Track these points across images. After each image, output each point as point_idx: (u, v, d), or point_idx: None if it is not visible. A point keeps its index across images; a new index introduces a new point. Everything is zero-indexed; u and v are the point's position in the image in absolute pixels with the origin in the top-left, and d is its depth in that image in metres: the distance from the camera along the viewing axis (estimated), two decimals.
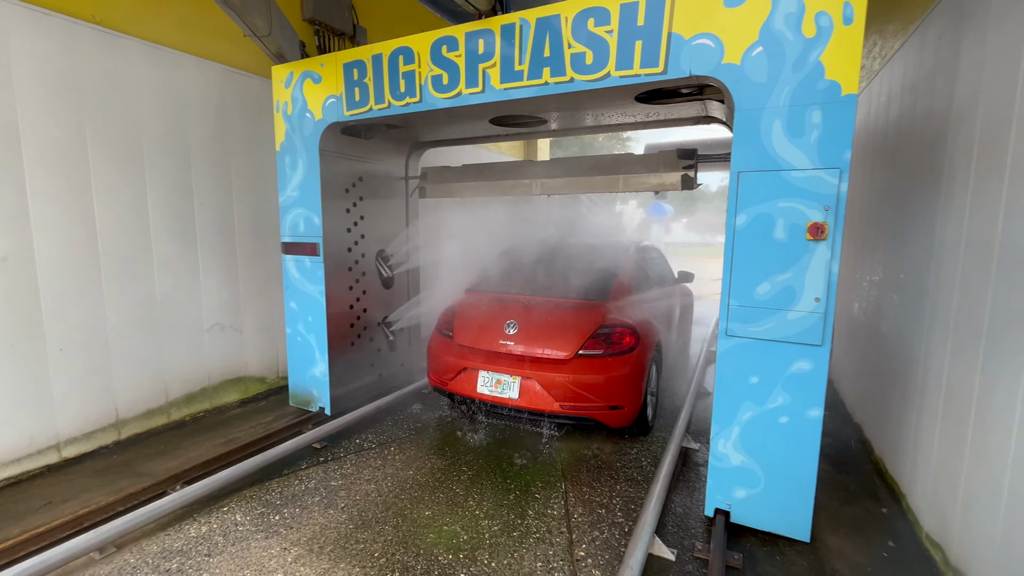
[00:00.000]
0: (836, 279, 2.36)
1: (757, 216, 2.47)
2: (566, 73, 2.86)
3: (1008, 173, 2.07)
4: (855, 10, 2.20)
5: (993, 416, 2.08)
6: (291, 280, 4.18)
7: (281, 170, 4.09)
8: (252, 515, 2.92)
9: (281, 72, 3.95)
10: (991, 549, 2.03)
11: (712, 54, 2.49)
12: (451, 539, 2.71)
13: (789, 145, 2.38)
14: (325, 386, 4.14)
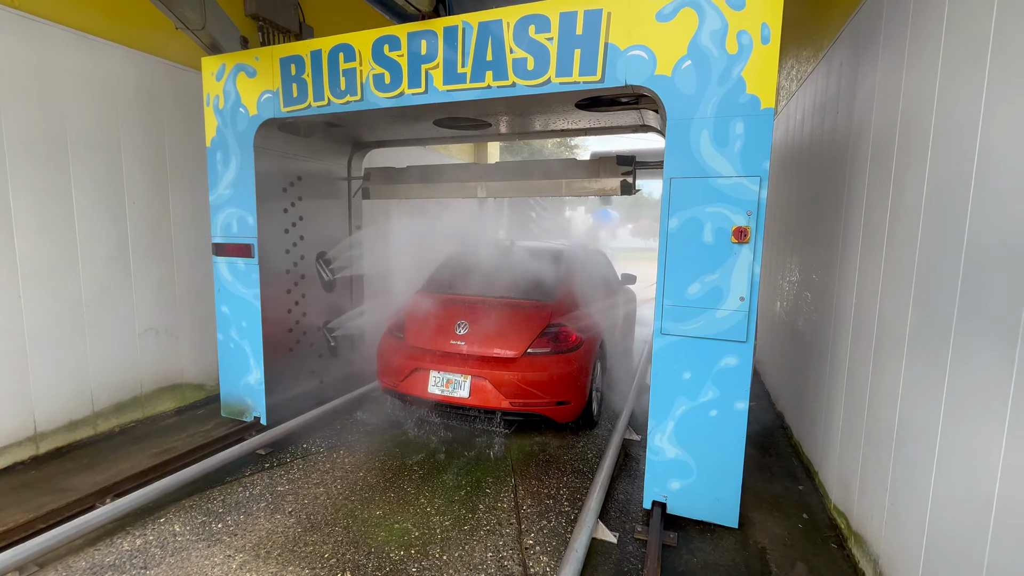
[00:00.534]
0: (758, 279, 2.53)
1: (688, 220, 2.60)
2: (508, 77, 2.91)
3: (892, 183, 2.35)
4: (771, 31, 2.39)
5: (882, 398, 2.34)
6: (223, 283, 3.96)
7: (212, 167, 3.87)
8: (192, 524, 2.80)
9: (212, 64, 3.74)
10: (882, 511, 2.28)
11: (645, 65, 2.61)
12: (402, 536, 2.73)
13: (716, 154, 2.53)
14: (260, 395, 3.94)
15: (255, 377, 3.95)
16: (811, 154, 3.85)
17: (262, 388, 3.92)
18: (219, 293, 3.99)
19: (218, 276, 3.97)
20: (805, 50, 4.34)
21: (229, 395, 4.09)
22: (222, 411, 4.15)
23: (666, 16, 2.55)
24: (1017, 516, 1.43)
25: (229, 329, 4.00)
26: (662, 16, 2.56)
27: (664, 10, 2.55)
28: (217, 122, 3.80)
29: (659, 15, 2.56)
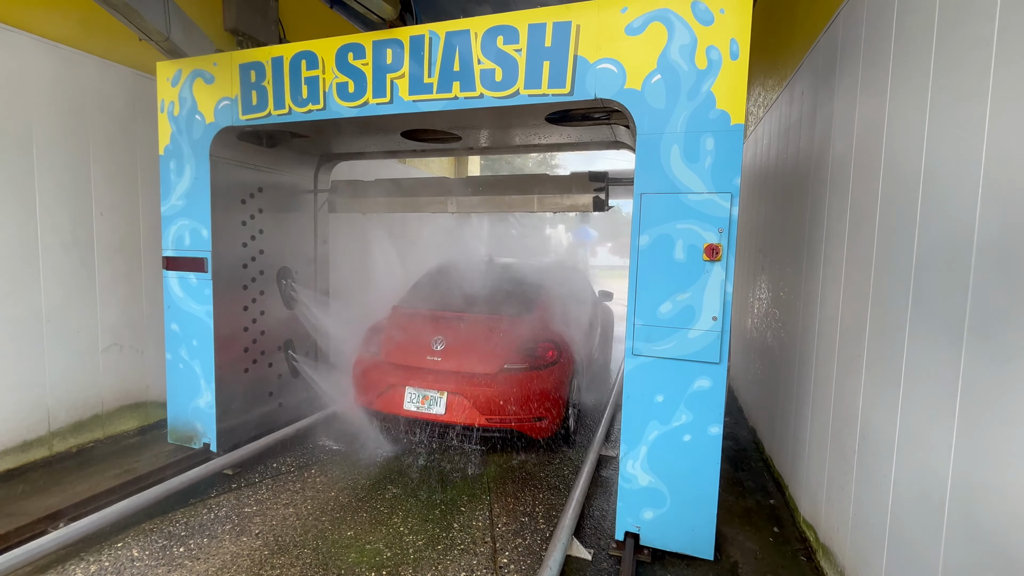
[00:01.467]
0: (731, 298, 2.45)
1: (659, 237, 2.52)
2: (476, 88, 2.81)
3: (849, 205, 2.39)
4: (740, 46, 2.36)
5: (844, 411, 2.34)
6: (173, 299, 3.71)
7: (165, 176, 3.66)
8: (152, 549, 2.67)
9: (168, 69, 3.56)
10: (846, 523, 2.28)
11: (615, 79, 2.56)
12: (374, 557, 2.65)
13: (686, 169, 2.47)
14: (211, 419, 3.67)
15: (205, 400, 3.68)
16: (777, 177, 3.88)
17: (213, 412, 3.66)
18: (168, 309, 3.74)
19: (168, 291, 3.73)
20: (770, 78, 4.44)
21: (177, 419, 3.81)
22: (169, 437, 3.85)
23: (635, 30, 2.50)
24: (965, 516, 1.48)
25: (179, 348, 3.74)
26: (631, 30, 2.51)
27: (633, 24, 2.50)
28: (171, 129, 3.60)
29: (628, 28, 2.51)
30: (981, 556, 1.41)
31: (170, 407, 3.83)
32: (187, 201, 3.60)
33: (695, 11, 2.40)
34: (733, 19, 2.35)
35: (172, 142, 3.61)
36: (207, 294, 3.60)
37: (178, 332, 3.73)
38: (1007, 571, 1.31)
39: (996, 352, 1.38)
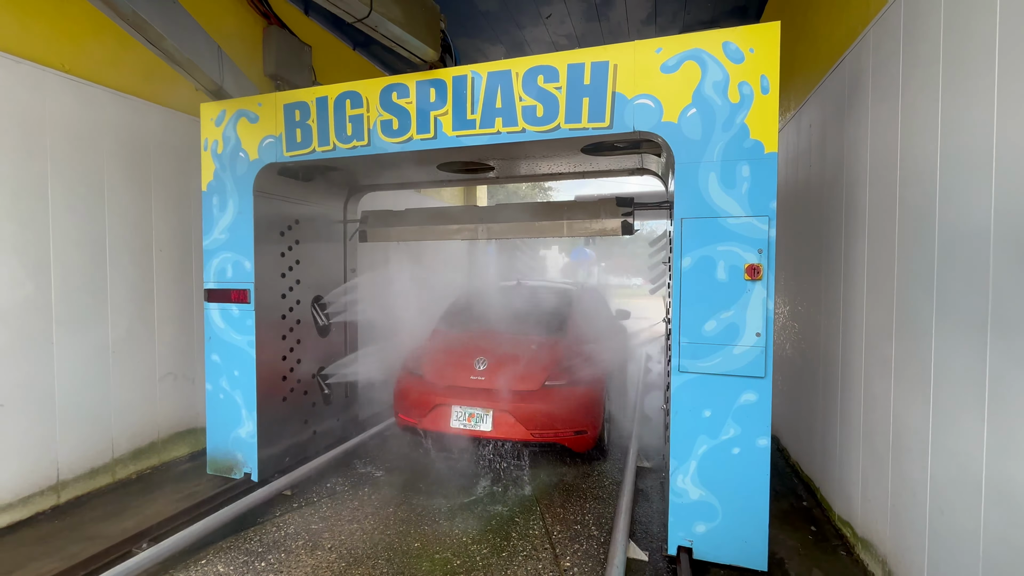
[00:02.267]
0: (772, 315, 2.59)
1: (700, 259, 2.67)
2: (518, 123, 2.99)
3: (867, 226, 2.63)
4: (770, 82, 2.55)
5: (877, 413, 2.55)
6: (214, 330, 3.79)
7: (207, 211, 3.78)
8: (235, 564, 2.81)
9: (211, 109, 3.73)
10: (885, 516, 2.45)
11: (652, 113, 2.74)
12: (445, 565, 2.81)
13: (724, 195, 2.63)
14: (252, 448, 3.70)
15: (247, 430, 3.72)
16: (789, 200, 4.09)
17: (254, 441, 3.70)
18: (209, 341, 3.81)
19: (209, 323, 3.80)
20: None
21: (217, 450, 3.83)
22: (208, 468, 3.87)
23: (670, 68, 2.70)
24: (1000, 500, 1.67)
25: (219, 379, 3.79)
26: (666, 68, 2.70)
27: (668, 63, 2.70)
28: (215, 166, 3.74)
29: (663, 67, 2.71)
30: (1019, 534, 1.58)
31: (210, 438, 3.86)
32: (230, 235, 3.72)
33: (726, 51, 2.61)
34: (762, 57, 2.55)
35: (215, 179, 3.75)
36: (249, 324, 3.68)
37: (219, 363, 3.79)
38: None
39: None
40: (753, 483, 2.63)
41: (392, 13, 2.91)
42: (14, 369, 3.14)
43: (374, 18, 2.83)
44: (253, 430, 3.70)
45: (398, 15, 2.94)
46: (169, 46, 3.11)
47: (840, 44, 3.14)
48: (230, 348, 3.75)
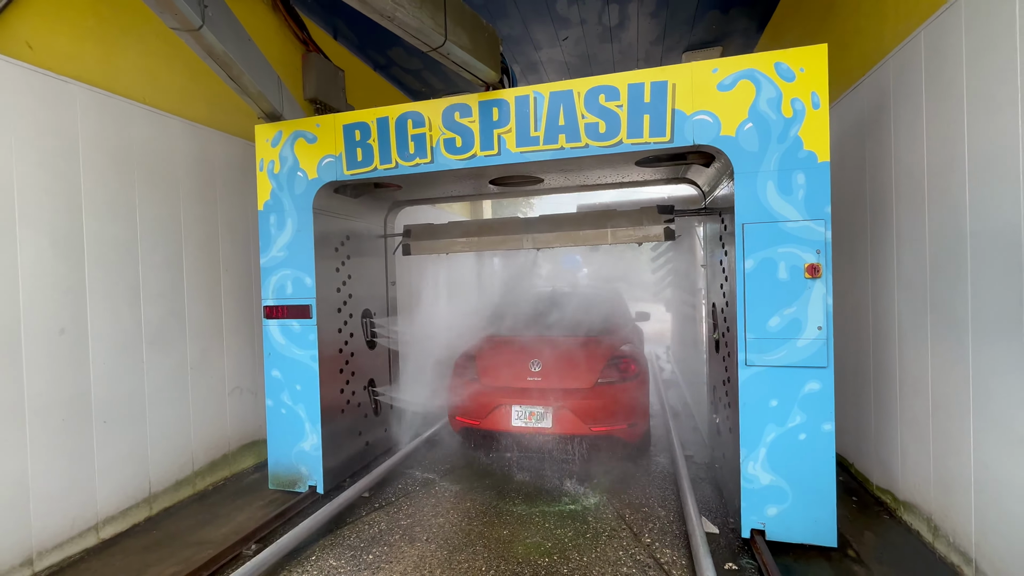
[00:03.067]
0: (831, 310, 2.82)
1: (763, 260, 2.89)
2: (581, 139, 3.19)
3: (895, 233, 2.90)
4: (820, 98, 2.81)
5: (914, 386, 2.91)
6: (274, 346, 3.86)
7: (264, 230, 3.86)
8: (344, 559, 3.02)
9: (267, 131, 3.83)
10: (928, 480, 2.82)
11: (711, 128, 2.97)
12: (539, 548, 3.09)
13: (782, 201, 2.87)
14: (317, 461, 3.77)
15: (311, 443, 3.79)
16: None
17: (319, 454, 3.77)
18: (269, 357, 3.88)
19: (268, 339, 3.87)
20: None
21: (279, 464, 3.88)
22: (270, 483, 3.91)
23: (726, 87, 2.94)
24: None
25: (280, 394, 3.86)
26: (723, 87, 2.94)
27: (724, 82, 2.94)
28: (272, 186, 3.84)
29: (720, 86, 2.95)
30: None
31: (271, 453, 3.91)
32: (289, 252, 3.81)
33: (778, 70, 2.86)
34: (812, 76, 2.81)
35: (272, 198, 3.84)
36: (311, 339, 3.77)
37: (279, 378, 3.86)
38: None
39: None
40: (820, 466, 2.85)
41: (461, 40, 3.08)
42: (116, 387, 3.37)
43: (447, 47, 2.99)
44: (318, 443, 3.77)
45: (466, 42, 3.12)
46: (247, 81, 3.36)
47: (851, 76, 3.51)
48: (291, 363, 3.82)
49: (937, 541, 2.81)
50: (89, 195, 3.23)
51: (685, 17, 5.80)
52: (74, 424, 3.11)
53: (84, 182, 3.20)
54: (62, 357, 3.06)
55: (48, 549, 2.94)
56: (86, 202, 3.21)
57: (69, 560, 3.03)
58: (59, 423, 3.03)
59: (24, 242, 2.88)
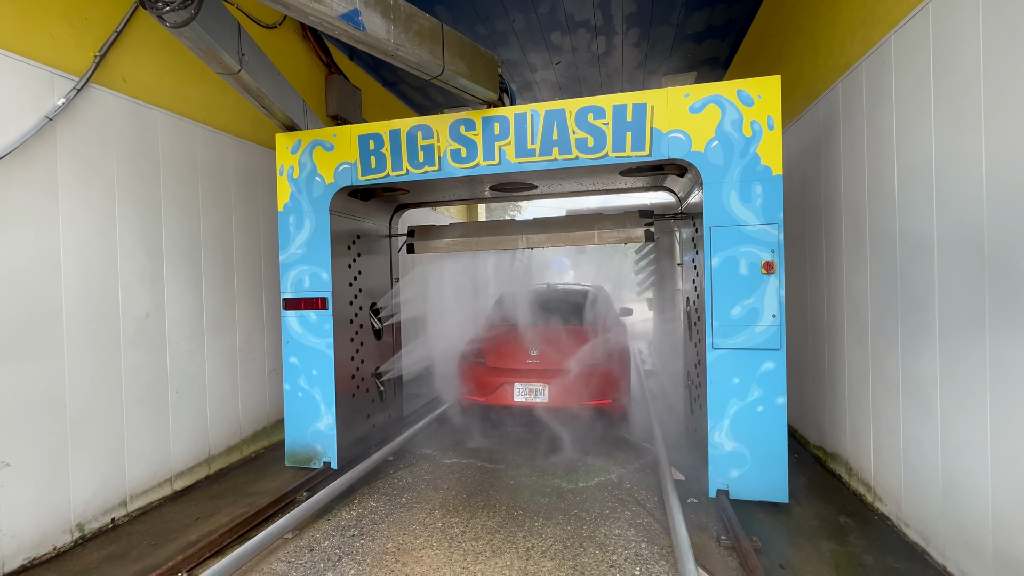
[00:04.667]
0: (784, 301, 3.32)
1: (727, 258, 3.39)
2: (572, 152, 3.65)
3: (844, 238, 3.38)
4: (774, 120, 3.32)
5: (839, 358, 3.33)
6: (292, 335, 4.23)
7: (284, 229, 4.24)
8: (382, 501, 3.70)
9: (287, 139, 4.21)
10: (843, 436, 3.51)
11: (684, 144, 3.46)
12: (543, 489, 3.82)
13: (743, 208, 3.37)
14: (332, 440, 4.15)
15: (326, 423, 4.17)
16: None
17: (333, 433, 4.15)
18: (287, 345, 4.25)
19: (287, 329, 4.25)
20: None
21: (295, 443, 4.25)
22: (287, 460, 4.28)
23: (697, 109, 3.43)
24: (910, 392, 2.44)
25: (297, 379, 4.23)
26: (694, 109, 3.44)
27: (695, 105, 3.43)
28: (291, 189, 4.22)
29: (691, 108, 3.44)
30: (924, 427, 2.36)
31: (288, 433, 4.27)
32: (307, 249, 4.19)
33: (740, 96, 3.36)
34: (768, 102, 3.32)
35: (291, 200, 4.22)
36: (327, 328, 4.15)
37: (296, 364, 4.23)
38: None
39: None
40: (774, 434, 3.34)
41: (459, 68, 3.50)
42: (185, 364, 4.06)
43: (446, 75, 3.42)
44: (332, 423, 4.15)
45: (464, 69, 3.54)
46: (276, 109, 3.91)
47: (805, 99, 4.05)
48: (308, 351, 4.20)
49: (851, 479, 3.64)
50: (166, 202, 3.91)
51: (664, 48, 6.42)
52: (155, 392, 3.78)
53: (163, 191, 3.89)
54: (147, 336, 3.72)
55: (137, 494, 3.61)
56: (164, 208, 3.90)
57: (152, 505, 3.70)
58: (144, 391, 3.69)
59: (121, 239, 3.56)
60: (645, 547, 3.02)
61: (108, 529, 3.36)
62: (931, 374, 2.71)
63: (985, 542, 2.35)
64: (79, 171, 3.27)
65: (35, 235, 3.02)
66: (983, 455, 2.35)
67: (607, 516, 3.39)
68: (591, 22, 6.52)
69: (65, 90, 3.18)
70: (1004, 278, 2.21)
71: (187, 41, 3.30)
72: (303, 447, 4.24)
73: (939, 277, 2.63)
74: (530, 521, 3.34)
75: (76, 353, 3.22)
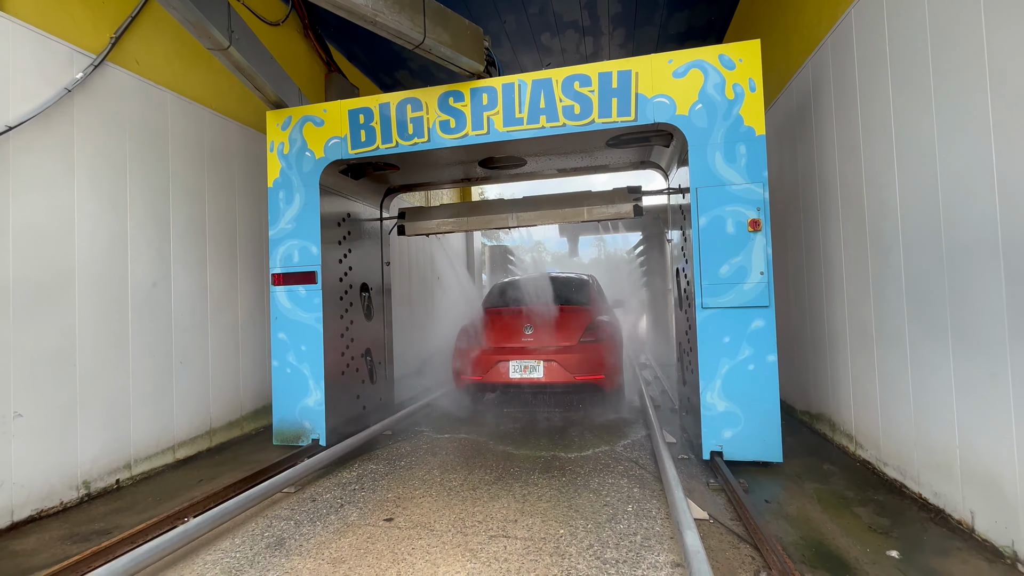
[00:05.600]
0: (771, 257, 3.35)
1: (714, 218, 3.42)
2: (559, 119, 3.70)
3: (820, 223, 3.43)
4: (756, 83, 3.39)
5: (816, 336, 3.27)
6: (281, 310, 4.19)
7: (274, 205, 4.24)
8: (382, 463, 3.82)
9: (278, 116, 4.24)
10: (829, 396, 3.36)
11: (668, 108, 3.52)
12: (538, 454, 3.92)
13: (728, 168, 3.41)
14: (320, 416, 4.08)
15: (314, 399, 4.10)
16: None
17: (322, 409, 4.08)
18: (276, 321, 4.20)
19: (275, 304, 4.21)
20: None
21: (283, 421, 4.17)
22: (274, 438, 4.19)
23: (680, 74, 3.50)
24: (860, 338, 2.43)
25: (286, 355, 4.18)
26: (677, 74, 3.51)
27: (678, 70, 3.51)
28: (281, 165, 4.23)
29: (675, 73, 3.51)
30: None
31: (276, 410, 4.19)
32: (296, 224, 4.19)
33: (722, 61, 3.44)
34: (749, 65, 3.40)
35: (281, 176, 4.23)
36: (316, 303, 4.12)
37: (285, 340, 4.18)
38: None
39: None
40: (766, 392, 3.32)
41: (442, 37, 3.57)
42: (190, 336, 4.17)
43: (428, 43, 3.49)
44: (321, 398, 4.09)
45: (447, 39, 3.61)
46: (269, 91, 4.10)
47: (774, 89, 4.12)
48: (297, 326, 4.16)
49: (835, 435, 3.84)
50: (174, 179, 4.08)
51: (648, 48, 6.74)
52: (160, 360, 3.88)
53: (171, 169, 4.05)
54: (154, 305, 3.86)
55: (141, 458, 3.69)
56: (172, 184, 4.06)
57: (155, 470, 3.78)
58: (150, 358, 3.80)
59: (132, 209, 3.73)
60: (637, 491, 3.14)
61: (113, 489, 3.44)
62: (899, 323, 2.92)
63: (953, 459, 2.54)
64: (94, 142, 3.44)
65: (53, 198, 3.19)
66: (948, 385, 2.55)
67: (601, 470, 3.50)
68: (579, 23, 6.77)
69: (83, 66, 3.38)
70: (961, 231, 2.37)
71: (175, 12, 3.39)
72: (291, 424, 4.16)
73: (903, 230, 2.79)
74: (526, 475, 3.46)
75: (87, 314, 3.35)
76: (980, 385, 2.33)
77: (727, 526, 2.59)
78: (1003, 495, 2.21)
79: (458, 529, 2.67)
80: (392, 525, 2.75)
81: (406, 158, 4.28)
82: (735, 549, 2.36)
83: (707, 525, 2.61)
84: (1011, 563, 2.13)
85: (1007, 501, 2.19)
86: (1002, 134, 2.16)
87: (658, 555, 2.33)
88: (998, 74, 2.17)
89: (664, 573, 2.18)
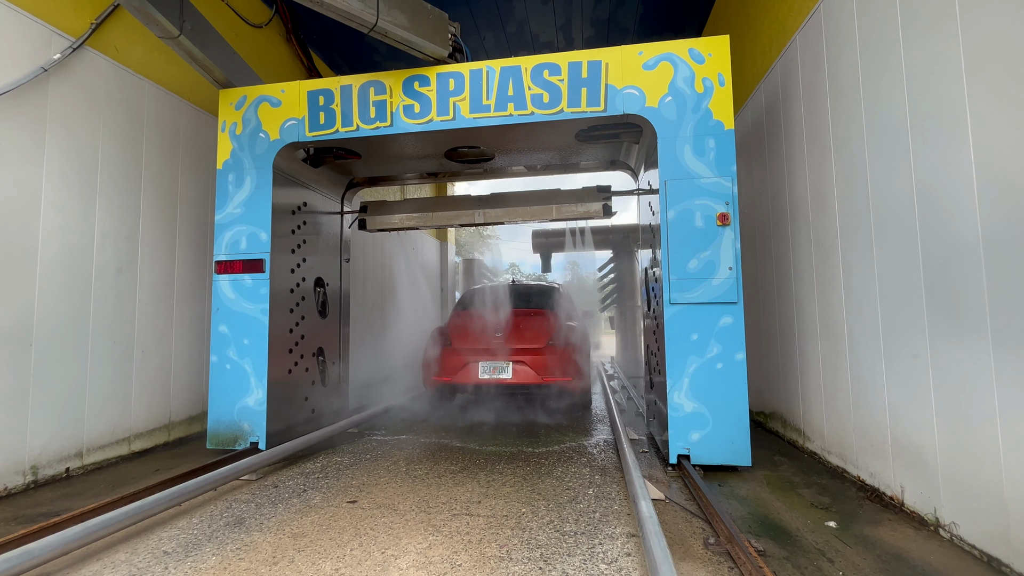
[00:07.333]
0: (740, 253, 3.26)
1: (682, 211, 3.32)
2: (527, 108, 3.59)
3: (771, 227, 3.36)
4: (725, 77, 3.36)
5: (767, 339, 3.17)
6: (224, 301, 3.86)
7: (222, 188, 3.96)
8: (345, 456, 3.76)
9: (232, 95, 4.00)
10: (780, 393, 3.15)
11: (638, 100, 3.45)
12: (507, 448, 3.90)
13: (697, 161, 3.34)
14: (261, 416, 3.73)
15: (255, 398, 3.76)
16: None
17: (263, 409, 3.73)
18: (217, 312, 3.87)
19: (217, 295, 3.88)
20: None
21: (219, 422, 3.79)
22: (208, 442, 3.80)
23: (650, 66, 3.45)
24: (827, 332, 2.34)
25: (227, 349, 3.83)
26: (647, 66, 3.46)
27: (648, 62, 3.46)
28: (232, 146, 3.97)
29: (644, 65, 3.46)
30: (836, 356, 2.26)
31: (212, 410, 3.82)
32: (246, 208, 3.91)
33: (691, 55, 3.41)
34: (718, 60, 3.37)
35: (232, 157, 3.96)
36: (263, 293, 3.82)
37: (226, 333, 3.84)
38: None
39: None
40: (735, 392, 3.19)
41: (398, 20, 3.42)
42: (154, 325, 4.07)
43: (382, 26, 3.35)
44: (263, 397, 3.75)
45: (404, 22, 3.46)
46: (227, 84, 3.95)
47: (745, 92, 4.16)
48: (240, 318, 3.83)
49: (786, 430, 3.97)
50: (147, 166, 4.05)
51: None
52: (120, 348, 3.77)
53: (145, 155, 4.02)
54: (118, 290, 3.76)
55: (94, 448, 3.56)
56: (144, 171, 4.02)
57: (108, 461, 3.65)
58: (110, 345, 3.69)
59: (102, 191, 3.66)
60: (599, 478, 3.20)
61: (62, 478, 3.31)
62: (839, 319, 3.06)
63: (885, 439, 2.69)
64: (66, 122, 3.42)
65: (20, 173, 3.12)
66: (879, 372, 2.73)
67: (565, 461, 3.55)
68: (554, 44, 6.85)
69: (62, 47, 3.39)
70: (888, 222, 2.51)
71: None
72: (228, 426, 3.79)
73: (840, 223, 2.91)
74: (492, 465, 3.50)
75: (46, 294, 3.26)
76: (905, 366, 2.53)
77: (682, 505, 2.74)
78: (926, 466, 2.38)
79: (421, 509, 2.69)
80: (356, 507, 2.74)
81: (368, 145, 4.09)
82: (688, 523, 2.50)
83: (663, 504, 2.73)
84: (934, 528, 2.32)
85: (929, 471, 2.36)
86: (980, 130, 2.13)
87: (615, 528, 2.44)
88: (974, 65, 2.15)
89: (620, 542, 2.28)
